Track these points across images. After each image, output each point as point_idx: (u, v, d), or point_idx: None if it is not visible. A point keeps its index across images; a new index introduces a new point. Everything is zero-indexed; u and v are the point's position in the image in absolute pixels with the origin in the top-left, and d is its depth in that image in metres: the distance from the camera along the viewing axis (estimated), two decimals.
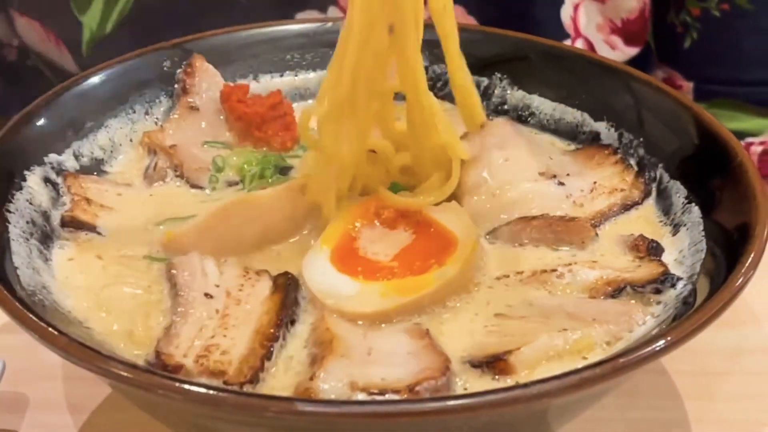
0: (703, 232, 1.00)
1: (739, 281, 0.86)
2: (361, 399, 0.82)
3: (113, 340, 0.90)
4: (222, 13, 1.55)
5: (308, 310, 0.94)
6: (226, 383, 0.84)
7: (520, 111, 1.25)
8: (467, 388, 0.86)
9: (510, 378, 0.86)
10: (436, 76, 1.28)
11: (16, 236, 0.97)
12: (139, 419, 0.93)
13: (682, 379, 1.09)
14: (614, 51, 1.63)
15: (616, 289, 0.95)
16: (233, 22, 1.52)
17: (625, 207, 1.08)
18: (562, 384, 0.76)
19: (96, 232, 1.04)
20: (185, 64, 1.23)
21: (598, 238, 1.03)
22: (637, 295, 0.95)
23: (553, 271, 0.98)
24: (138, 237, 1.03)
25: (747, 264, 0.87)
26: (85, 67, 1.56)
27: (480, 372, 0.87)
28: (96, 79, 1.18)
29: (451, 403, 0.77)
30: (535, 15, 1.58)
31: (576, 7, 1.60)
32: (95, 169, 1.15)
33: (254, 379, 0.85)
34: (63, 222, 1.04)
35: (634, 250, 1.02)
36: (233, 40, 1.29)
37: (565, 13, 1.59)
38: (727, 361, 1.13)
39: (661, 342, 0.80)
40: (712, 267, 0.94)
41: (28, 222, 1.00)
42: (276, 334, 0.89)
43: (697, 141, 1.08)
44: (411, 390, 0.82)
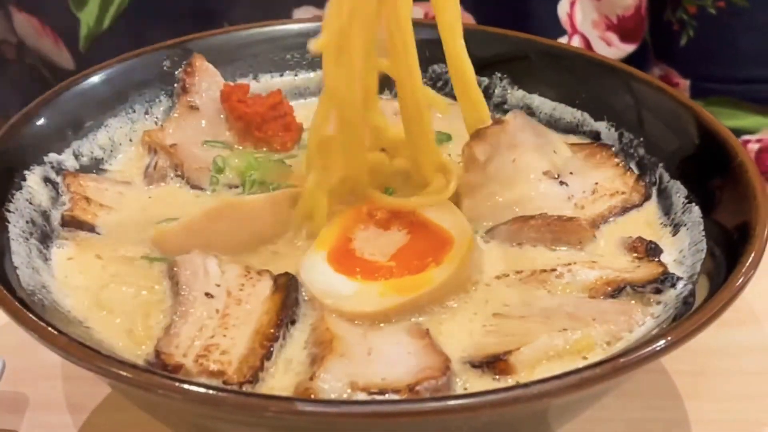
0: (703, 232, 0.99)
1: (740, 281, 0.86)
2: (361, 399, 0.82)
3: (113, 340, 0.90)
4: (220, 9, 1.55)
5: (308, 311, 0.94)
6: (225, 383, 0.84)
7: (520, 109, 1.24)
8: (467, 388, 0.86)
9: (510, 378, 0.86)
10: (437, 75, 1.28)
11: (16, 236, 0.97)
12: (139, 419, 0.92)
13: (682, 379, 1.09)
14: (610, 47, 1.63)
15: (616, 289, 0.95)
16: (231, 17, 1.53)
17: (625, 210, 1.07)
18: (562, 384, 0.76)
19: (95, 231, 1.04)
20: (185, 64, 1.23)
21: (596, 239, 1.03)
22: (637, 295, 0.95)
23: (552, 270, 0.97)
24: (137, 236, 1.02)
25: (747, 264, 0.87)
26: (82, 63, 1.57)
27: (480, 372, 0.87)
28: (96, 78, 1.18)
29: (451, 402, 0.77)
30: (531, 11, 1.58)
31: (572, 4, 1.60)
32: (95, 168, 1.14)
33: (254, 379, 0.85)
34: (63, 221, 1.04)
35: (632, 251, 1.01)
36: (233, 39, 1.28)
37: (562, 9, 1.59)
38: (727, 361, 1.12)
39: (661, 342, 0.80)
40: (713, 267, 0.94)
41: (28, 222, 1.00)
42: (276, 334, 0.89)
43: (697, 140, 1.08)
44: (411, 390, 0.81)
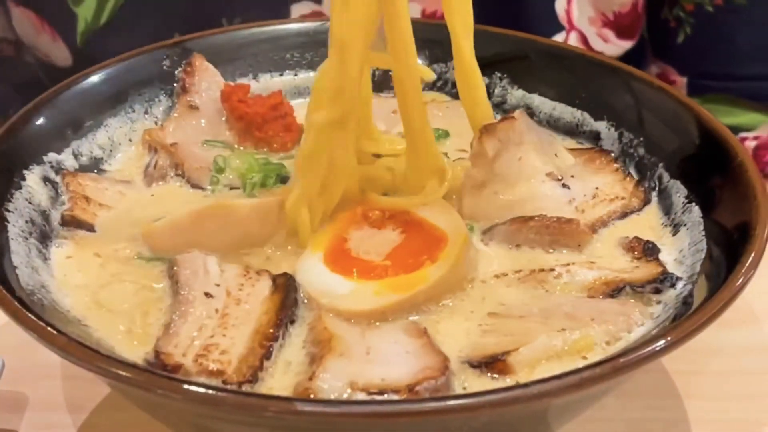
0: (703, 232, 0.99)
1: (740, 281, 0.86)
2: (361, 399, 0.82)
3: (112, 339, 0.90)
4: (218, 5, 1.54)
5: (305, 311, 0.93)
6: (225, 383, 0.84)
7: (521, 109, 1.24)
8: (466, 387, 0.86)
9: (509, 378, 0.86)
10: (437, 75, 1.28)
11: (15, 235, 0.97)
12: (139, 419, 0.92)
13: (682, 378, 1.09)
14: (607, 44, 1.63)
15: (615, 289, 0.95)
16: (229, 12, 1.52)
17: (625, 214, 1.07)
18: (562, 384, 0.76)
19: (95, 230, 1.04)
20: (185, 63, 1.22)
21: (595, 240, 1.03)
22: (637, 295, 0.95)
23: (551, 270, 0.97)
24: (136, 235, 1.02)
25: (747, 264, 0.87)
26: (80, 58, 1.56)
27: (479, 372, 0.87)
28: (95, 78, 1.17)
29: (451, 402, 0.77)
30: (529, 7, 1.58)
31: (569, 0, 1.60)
32: (94, 168, 1.14)
33: (253, 379, 0.85)
34: (63, 221, 1.04)
35: (630, 251, 1.01)
36: (233, 39, 1.28)
37: (560, 5, 1.59)
38: (727, 361, 1.12)
39: (661, 342, 0.80)
40: (712, 267, 0.94)
41: (27, 221, 1.00)
42: (275, 333, 0.89)
43: (697, 140, 1.08)
44: (411, 390, 0.81)
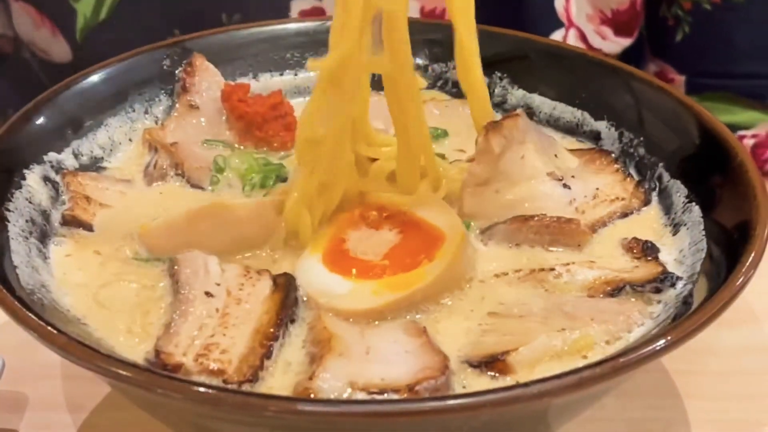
0: (703, 232, 0.99)
1: (740, 281, 0.86)
2: (361, 398, 0.82)
3: (112, 338, 0.90)
4: (217, 1, 1.54)
5: (305, 311, 0.93)
6: (225, 382, 0.84)
7: (521, 109, 1.24)
8: (465, 387, 0.86)
9: (509, 377, 0.86)
10: (437, 75, 1.28)
11: (16, 235, 0.97)
12: (139, 418, 0.92)
13: (682, 378, 1.09)
14: (605, 41, 1.63)
15: (615, 289, 0.95)
16: (228, 8, 1.52)
17: (625, 215, 1.07)
18: (562, 383, 0.76)
19: (94, 229, 1.04)
20: (185, 63, 1.22)
21: (593, 240, 1.03)
22: (637, 295, 0.95)
23: (551, 270, 0.97)
24: (135, 235, 1.02)
25: (747, 263, 0.87)
26: (80, 54, 1.56)
27: (478, 371, 0.87)
28: (95, 77, 1.17)
29: (451, 402, 0.77)
30: (529, 4, 1.58)
31: None
32: (94, 167, 1.14)
33: (254, 378, 0.85)
34: (64, 220, 1.04)
35: (630, 251, 1.01)
36: (233, 38, 1.28)
37: (559, 2, 1.59)
38: (727, 360, 1.12)
39: (661, 341, 0.80)
40: (713, 266, 0.94)
41: (28, 221, 1.00)
42: (276, 333, 0.89)
43: (697, 140, 1.08)
44: (411, 389, 0.81)
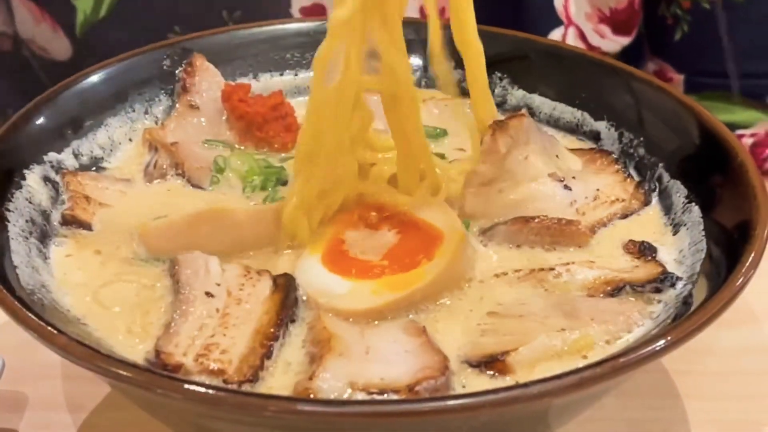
0: (703, 232, 0.99)
1: (740, 281, 0.86)
2: (361, 399, 0.82)
3: (112, 338, 0.90)
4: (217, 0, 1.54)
5: (305, 311, 0.93)
6: (225, 382, 0.84)
7: (521, 110, 1.24)
8: (465, 386, 0.86)
9: (508, 377, 0.86)
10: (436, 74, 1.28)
11: (16, 235, 0.97)
12: (139, 418, 0.92)
13: (682, 378, 1.09)
14: (604, 39, 1.63)
15: (615, 289, 0.95)
16: (229, 7, 1.52)
17: (625, 216, 1.07)
18: (562, 384, 0.76)
19: (94, 229, 1.04)
20: (186, 63, 1.22)
21: (593, 241, 1.03)
22: (637, 295, 0.95)
23: (550, 269, 0.97)
24: (134, 234, 1.02)
25: (747, 264, 0.87)
26: (80, 49, 1.56)
27: (478, 371, 0.87)
28: (95, 77, 1.17)
29: (451, 402, 0.77)
30: (528, 2, 1.58)
31: None
32: (94, 167, 1.14)
33: (254, 378, 0.85)
34: (64, 220, 1.04)
35: (629, 252, 1.01)
36: (233, 38, 1.28)
37: (558, 0, 1.59)
38: (727, 361, 1.12)
39: (661, 342, 0.80)
40: (713, 267, 0.94)
41: (28, 221, 1.00)
42: (276, 333, 0.89)
43: (697, 140, 1.08)
44: (410, 389, 0.81)
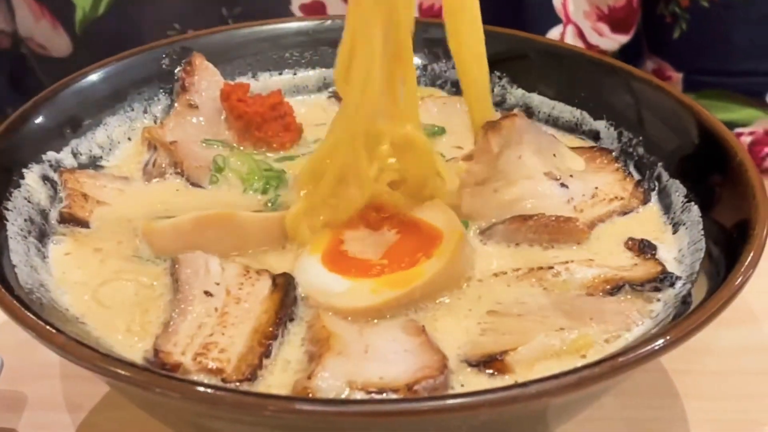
0: (702, 231, 0.99)
1: (739, 280, 0.86)
2: (360, 398, 0.82)
3: (111, 337, 0.90)
4: None
5: (304, 310, 0.93)
6: (224, 381, 0.84)
7: (520, 109, 1.24)
8: (464, 385, 0.86)
9: (507, 376, 0.86)
10: (436, 75, 1.28)
11: (14, 234, 0.97)
12: (138, 417, 0.92)
13: (681, 378, 1.09)
14: (602, 38, 1.63)
15: (614, 287, 0.95)
16: (229, 4, 1.52)
17: (624, 214, 1.07)
18: (560, 383, 0.76)
19: (92, 227, 1.04)
20: (185, 62, 1.22)
21: (592, 238, 1.03)
22: (636, 294, 0.95)
23: (549, 268, 0.97)
24: (133, 233, 1.02)
25: (746, 263, 0.87)
26: (80, 45, 1.56)
27: (476, 370, 0.87)
28: (94, 76, 1.17)
29: (449, 402, 0.77)
30: (527, 1, 1.58)
31: None
32: (93, 165, 1.14)
33: (252, 377, 0.85)
34: (61, 218, 1.04)
35: (628, 250, 1.01)
36: (232, 38, 1.28)
37: None
38: (727, 360, 1.12)
39: (660, 341, 0.80)
40: (712, 266, 0.94)
41: (26, 220, 1.00)
42: (275, 332, 0.89)
43: (696, 140, 1.08)
44: (409, 389, 0.81)
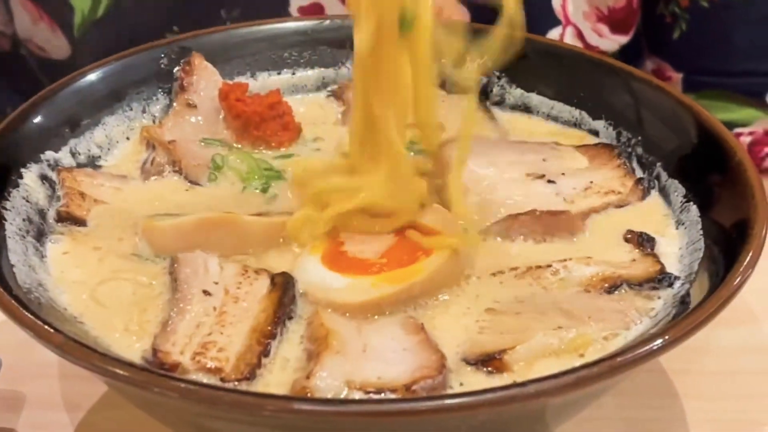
0: (701, 231, 0.99)
1: (737, 280, 0.86)
2: (358, 398, 0.82)
3: (109, 336, 0.90)
4: None
5: (303, 308, 0.93)
6: (223, 380, 0.84)
7: (519, 109, 1.25)
8: (462, 384, 0.86)
9: (506, 374, 0.86)
10: (435, 74, 1.28)
11: (12, 234, 0.97)
12: (136, 417, 0.92)
13: (681, 378, 1.09)
14: (602, 38, 1.63)
15: (613, 286, 0.95)
16: (228, 6, 1.52)
17: (619, 206, 1.07)
18: (559, 383, 0.76)
19: (91, 225, 1.04)
20: (184, 62, 1.22)
21: (590, 231, 1.03)
22: (634, 292, 0.95)
23: (548, 266, 0.97)
24: (132, 232, 1.02)
25: (745, 263, 0.87)
26: (79, 48, 1.56)
27: (475, 369, 0.87)
28: (93, 76, 1.17)
29: (448, 402, 0.77)
30: (526, 1, 1.58)
31: None
32: (91, 165, 1.14)
33: (251, 377, 0.85)
34: (59, 217, 1.04)
35: (627, 243, 1.01)
36: (231, 37, 1.28)
37: (556, 0, 1.59)
38: (726, 360, 1.12)
39: (659, 341, 0.80)
40: (711, 266, 0.94)
41: (25, 219, 1.00)
42: (273, 331, 0.89)
43: (695, 140, 1.08)
44: (408, 389, 0.81)
